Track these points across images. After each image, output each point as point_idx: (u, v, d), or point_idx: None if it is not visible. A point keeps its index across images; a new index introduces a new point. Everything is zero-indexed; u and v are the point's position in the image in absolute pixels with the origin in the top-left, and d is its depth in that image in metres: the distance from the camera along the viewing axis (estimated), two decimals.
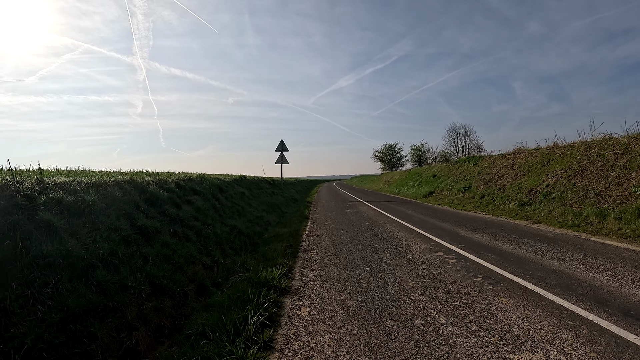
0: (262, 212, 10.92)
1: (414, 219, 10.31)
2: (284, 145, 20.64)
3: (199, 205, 7.13)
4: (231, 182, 11.27)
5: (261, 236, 8.39)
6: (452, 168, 20.12)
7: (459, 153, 41.98)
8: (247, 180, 13.75)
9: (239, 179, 12.85)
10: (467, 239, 7.12)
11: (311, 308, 3.75)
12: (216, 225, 7.10)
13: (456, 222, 9.42)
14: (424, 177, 23.05)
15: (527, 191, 12.31)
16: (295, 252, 6.45)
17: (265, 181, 17.64)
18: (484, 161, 17.03)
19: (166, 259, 4.75)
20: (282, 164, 20.58)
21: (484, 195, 14.05)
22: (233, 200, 9.61)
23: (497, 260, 5.43)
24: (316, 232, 8.52)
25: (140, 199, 5.71)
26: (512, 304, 3.70)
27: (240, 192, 10.98)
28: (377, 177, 46.75)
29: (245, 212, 9.57)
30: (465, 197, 15.21)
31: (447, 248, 6.30)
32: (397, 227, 8.79)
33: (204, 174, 9.84)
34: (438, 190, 18.42)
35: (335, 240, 7.42)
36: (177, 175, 8.14)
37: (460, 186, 16.52)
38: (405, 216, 11.01)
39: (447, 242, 6.80)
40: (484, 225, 8.85)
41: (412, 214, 11.53)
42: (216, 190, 9.02)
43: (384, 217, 10.92)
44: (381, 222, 9.74)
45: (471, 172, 17.17)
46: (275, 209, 12.87)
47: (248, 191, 12.23)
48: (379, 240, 7.13)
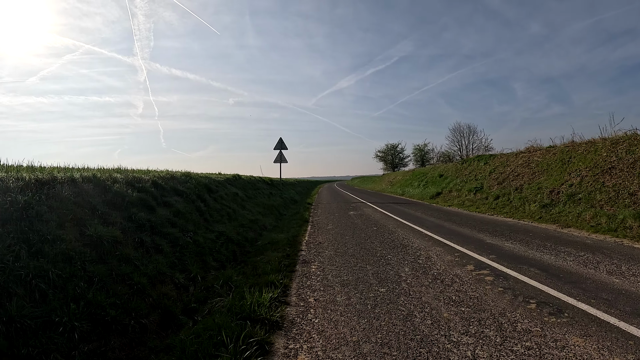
0: (257, 215, 9.82)
1: (427, 222, 9.20)
2: (283, 143, 19.54)
3: (179, 208, 6.03)
4: (223, 181, 10.17)
5: (254, 243, 7.29)
6: (460, 168, 19.02)
7: (463, 153, 40.98)
8: (242, 180, 12.65)
9: (232, 178, 11.76)
10: (495, 247, 6.02)
11: (312, 356, 2.64)
12: (199, 231, 6.00)
13: (475, 227, 8.31)
14: (430, 177, 21.94)
15: (549, 191, 11.20)
16: (292, 265, 5.34)
17: (262, 181, 16.53)
18: (496, 160, 15.94)
19: (122, 280, 3.65)
20: (280, 163, 19.48)
21: (498, 196, 12.94)
22: (223, 202, 8.51)
23: (544, 276, 4.33)
24: (317, 239, 7.42)
25: (99, 200, 4.61)
26: (592, 347, 2.61)
27: (232, 192, 9.88)
28: (378, 178, 45.62)
29: (238, 215, 8.47)
30: (477, 198, 14.11)
31: (477, 260, 5.19)
32: (410, 233, 7.68)
33: (190, 172, 8.75)
34: (446, 191, 17.32)
35: (339, 249, 6.31)
36: (155, 173, 7.05)
37: (470, 186, 15.42)
38: (416, 219, 9.90)
39: (474, 251, 5.69)
40: (508, 230, 7.75)
41: (424, 217, 10.42)
42: (203, 191, 7.92)
43: (392, 221, 9.81)
44: (391, 227, 8.64)
45: (482, 172, 16.07)
46: (273, 212, 11.77)
47: (242, 192, 11.14)
48: (392, 250, 6.02)
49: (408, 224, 9.01)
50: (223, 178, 10.61)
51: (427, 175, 23.24)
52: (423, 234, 7.43)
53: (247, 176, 14.82)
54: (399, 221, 9.58)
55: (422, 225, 8.61)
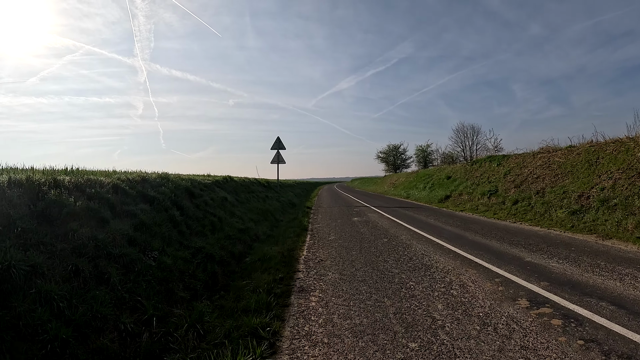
0: (249, 222, 8.59)
1: (445, 232, 7.97)
2: (281, 143, 18.33)
3: (143, 220, 4.79)
4: (210, 184, 8.93)
5: (242, 260, 6.05)
6: (469, 169, 17.81)
7: (467, 154, 39.81)
8: (234, 182, 11.40)
9: (222, 180, 10.51)
10: (540, 268, 4.79)
11: None
12: (169, 249, 4.76)
13: (503, 238, 7.08)
14: (436, 179, 20.72)
15: (577, 196, 9.98)
16: (286, 295, 4.12)
17: (258, 183, 15.29)
18: (510, 161, 14.73)
19: (31, 335, 2.43)
20: (278, 164, 18.26)
21: (517, 201, 11.73)
22: (208, 208, 7.27)
23: (626, 316, 3.12)
24: (318, 254, 6.19)
25: (25, 212, 3.38)
26: None
27: (221, 197, 8.65)
28: (380, 180, 44.37)
29: (225, 224, 7.23)
30: (492, 202, 12.89)
31: (528, 290, 3.96)
32: (430, 247, 6.44)
33: (168, 173, 7.51)
34: (455, 194, 16.10)
35: (346, 270, 5.07)
36: (121, 175, 5.81)
37: (483, 189, 14.20)
38: (431, 228, 8.67)
39: (518, 276, 4.46)
40: (543, 243, 6.53)
41: (439, 225, 9.19)
42: (182, 196, 6.68)
43: (403, 230, 8.58)
44: (403, 238, 7.41)
45: (496, 174, 14.86)
46: (268, 217, 10.53)
47: (233, 196, 9.90)
48: (413, 273, 4.78)
49: (423, 234, 7.77)
50: (211, 180, 9.38)
51: (433, 177, 22.02)
52: (445, 249, 6.20)
53: (241, 178, 13.59)
54: (412, 230, 8.34)
55: (441, 237, 7.38)
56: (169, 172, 7.52)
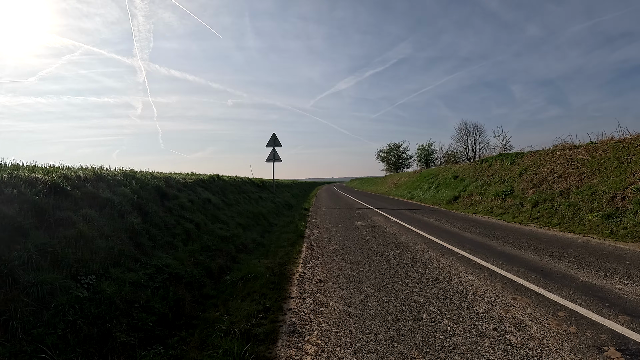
0: (235, 228, 7.39)
1: (466, 241, 6.77)
2: (277, 140, 17.10)
3: (82, 230, 3.59)
4: (191, 184, 7.71)
5: (220, 280, 4.85)
6: (478, 168, 16.64)
7: (469, 153, 38.72)
8: (222, 181, 10.18)
9: (208, 179, 9.30)
10: (607, 293, 3.61)
11: None
12: (117, 269, 3.56)
13: (538, 248, 5.90)
14: (442, 179, 19.54)
15: (609, 197, 8.81)
16: (270, 339, 2.92)
17: (251, 183, 14.06)
18: (526, 158, 13.56)
19: None
20: (274, 162, 17.03)
21: (537, 202, 10.56)
22: (184, 213, 6.06)
23: None
24: (316, 271, 4.99)
25: None
26: None
27: (203, 199, 7.44)
28: (380, 180, 43.16)
29: (203, 231, 6.03)
30: (508, 204, 11.71)
31: (610, 331, 2.77)
32: (455, 261, 5.25)
33: (135, 170, 6.29)
34: (465, 195, 14.92)
35: (353, 297, 3.87)
36: (68, 171, 4.59)
37: (497, 190, 13.03)
38: (447, 235, 7.48)
39: (588, 308, 3.27)
40: (589, 255, 5.35)
41: (455, 231, 8.00)
42: (150, 198, 5.47)
43: (416, 237, 7.39)
44: (419, 248, 6.21)
45: (509, 173, 13.69)
46: (260, 222, 9.32)
47: (220, 197, 8.69)
48: (443, 303, 3.56)
49: (441, 243, 6.57)
50: (194, 179, 8.17)
51: (438, 176, 20.83)
52: (475, 264, 5.00)
53: (232, 177, 12.36)
54: (427, 238, 7.14)
55: (463, 247, 6.19)
56: (136, 169, 6.30)
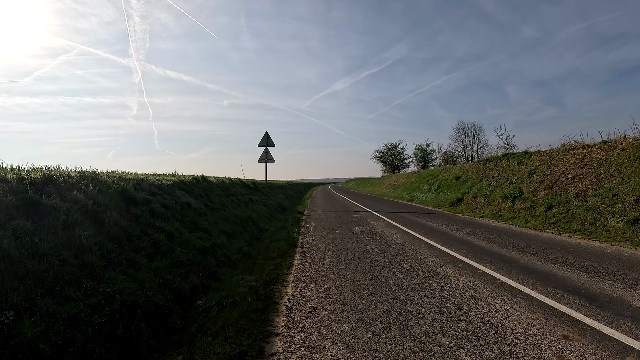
0: (219, 236, 6.47)
1: (483, 252, 5.90)
2: (270, 138, 16.19)
3: (6, 249, 2.66)
4: (169, 186, 6.77)
5: (192, 304, 3.94)
6: (482, 168, 15.85)
7: (467, 153, 38.12)
8: (207, 183, 9.23)
9: (192, 181, 8.36)
10: None
11: None
12: (47, 300, 2.63)
13: (567, 261, 5.05)
14: (443, 180, 18.73)
15: (633, 200, 8.02)
16: None
17: (241, 184, 13.11)
18: (535, 158, 12.77)
19: None
20: (266, 163, 16.11)
21: (551, 206, 9.75)
22: (154, 221, 5.13)
23: None
24: (309, 294, 4.08)
25: None
26: None
27: (182, 203, 6.50)
28: (377, 180, 42.33)
29: (177, 243, 5.10)
30: (518, 207, 10.90)
31: None
32: (478, 280, 4.37)
33: (97, 171, 5.34)
34: (469, 197, 14.11)
35: (356, 336, 2.97)
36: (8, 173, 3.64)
37: (504, 192, 12.22)
38: (459, 244, 6.61)
39: None
40: (631, 270, 4.51)
41: (467, 239, 7.13)
42: (111, 204, 4.53)
43: (425, 247, 6.51)
44: (430, 262, 5.33)
45: (517, 173, 12.90)
46: (248, 227, 8.40)
47: (203, 201, 7.75)
48: (477, 347, 2.69)
49: (456, 255, 5.69)
50: (173, 180, 7.23)
51: (438, 177, 20.03)
52: (504, 286, 4.11)
53: (219, 178, 11.40)
54: (437, 249, 6.26)
55: (481, 260, 5.32)
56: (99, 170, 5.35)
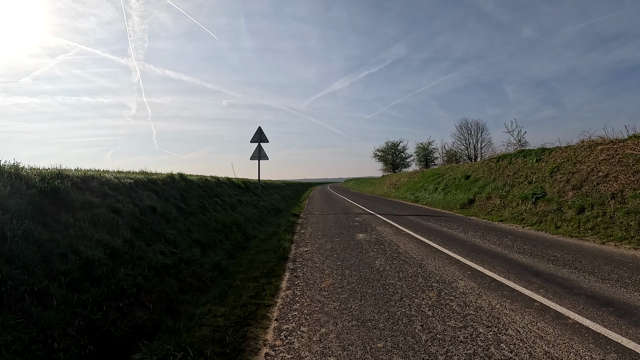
0: (190, 248, 5.16)
1: (526, 270, 4.60)
2: (263, 134, 14.87)
3: None
4: (129, 186, 5.45)
5: None
6: (494, 166, 14.58)
7: (470, 152, 36.94)
8: (186, 182, 7.91)
9: (166, 179, 7.03)
10: None
11: None
12: None
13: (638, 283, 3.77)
14: (450, 179, 17.46)
15: None
16: None
17: (230, 184, 11.78)
18: (556, 155, 11.50)
19: None
20: (259, 160, 14.78)
21: (583, 208, 8.48)
22: (91, 232, 3.80)
23: None
24: (298, 344, 2.78)
25: None
26: None
27: (143, 207, 5.19)
28: (377, 180, 41.03)
29: (124, 262, 3.78)
30: (541, 209, 9.63)
31: None
32: (541, 321, 3.08)
33: (20, 165, 4.02)
34: (482, 198, 12.83)
35: None
36: None
37: (524, 192, 10.95)
38: (492, 259, 5.32)
39: None
40: None
41: (497, 251, 5.84)
42: (20, 212, 3.22)
43: (449, 264, 5.22)
44: (464, 289, 4.03)
45: (537, 171, 11.62)
46: (232, 235, 7.09)
47: (176, 203, 6.43)
48: None
49: (497, 277, 4.38)
50: (136, 179, 5.91)
51: (445, 176, 18.75)
52: (588, 332, 2.84)
53: (204, 177, 10.07)
54: (467, 266, 4.96)
55: (530, 284, 4.03)
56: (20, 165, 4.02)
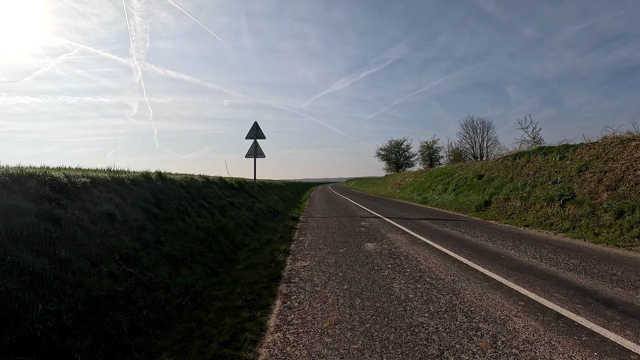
0: (156, 265, 4.06)
1: (589, 294, 3.47)
2: (259, 130, 13.76)
3: None
4: (85, 186, 4.35)
5: None
6: (511, 165, 13.43)
7: (476, 151, 35.84)
8: (165, 181, 6.80)
9: (139, 178, 5.93)
10: None
11: None
12: None
13: None
14: (461, 179, 16.31)
15: None
16: None
17: (221, 184, 10.66)
18: (583, 152, 10.35)
19: None
20: (255, 158, 13.67)
21: (622, 212, 7.34)
22: (13, 251, 2.71)
23: None
24: None
25: None
26: None
27: (98, 214, 4.09)
28: (380, 180, 39.88)
29: (44, 293, 2.70)
30: (571, 213, 8.49)
31: None
32: None
33: None
34: (499, 199, 11.69)
35: None
36: None
37: (549, 193, 9.81)
38: (541, 280, 4.18)
39: None
40: None
41: (543, 268, 4.70)
42: None
43: (493, 288, 4.09)
44: (523, 331, 2.90)
45: (561, 170, 10.47)
46: (217, 245, 5.98)
47: (146, 208, 5.32)
48: None
49: (563, 313, 3.25)
50: (99, 177, 4.81)
51: (454, 175, 17.60)
52: None
53: (190, 175, 8.96)
54: (517, 293, 3.83)
55: (606, 320, 2.92)
56: None
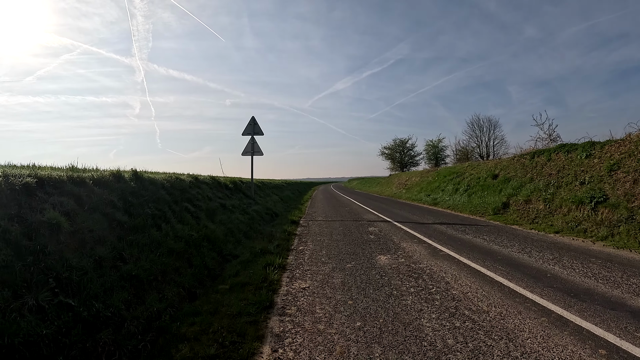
0: (108, 292, 3.12)
1: None
2: (257, 125, 12.80)
3: None
4: (23, 189, 3.39)
5: None
6: (529, 164, 12.39)
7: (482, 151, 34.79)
8: (140, 181, 5.84)
9: (107, 179, 4.97)
10: None
11: None
12: None
13: None
14: (473, 179, 15.28)
15: None
16: None
17: (213, 184, 9.68)
18: (612, 149, 9.31)
19: None
20: (252, 156, 12.71)
21: None
22: None
23: None
24: None
25: None
26: None
27: (37, 225, 3.14)
28: (384, 180, 38.82)
29: None
30: (606, 217, 7.47)
31: None
32: None
33: None
34: (519, 201, 10.67)
35: None
36: None
37: (577, 195, 8.79)
38: (614, 313, 3.21)
39: None
40: None
41: (605, 292, 3.69)
42: None
43: (555, 326, 3.10)
44: None
45: (589, 170, 9.45)
46: (198, 258, 5.02)
47: (110, 214, 4.37)
48: None
49: None
50: (49, 175, 3.86)
51: (464, 175, 16.57)
52: None
53: (176, 175, 7.99)
54: (582, 329, 2.85)
55: None
56: None
